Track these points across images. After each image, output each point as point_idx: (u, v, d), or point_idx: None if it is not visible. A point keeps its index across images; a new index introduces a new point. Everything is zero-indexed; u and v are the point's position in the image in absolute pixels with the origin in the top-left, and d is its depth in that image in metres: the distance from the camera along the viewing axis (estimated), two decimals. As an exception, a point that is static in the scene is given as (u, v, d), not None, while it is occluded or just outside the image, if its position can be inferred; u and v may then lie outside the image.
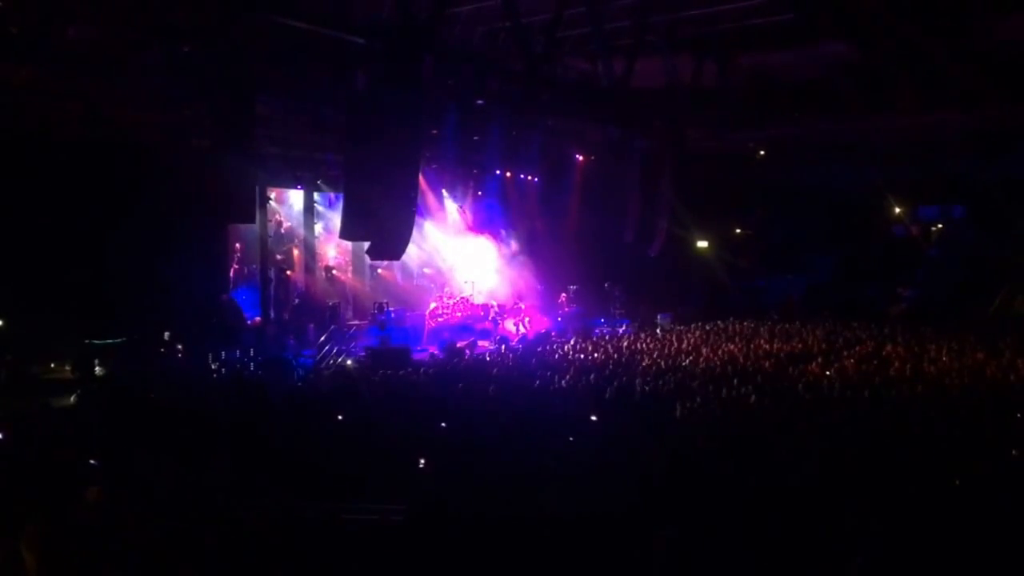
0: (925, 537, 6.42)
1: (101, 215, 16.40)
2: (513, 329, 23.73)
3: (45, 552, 6.12)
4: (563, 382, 14.39)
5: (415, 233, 18.65)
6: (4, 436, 10.18)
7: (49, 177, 15.63)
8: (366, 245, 17.93)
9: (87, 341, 16.08)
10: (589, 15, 20.24)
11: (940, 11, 18.43)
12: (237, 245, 21.23)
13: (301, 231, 22.77)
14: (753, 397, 12.64)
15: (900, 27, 18.78)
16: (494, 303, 24.48)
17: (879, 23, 18.65)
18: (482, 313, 23.98)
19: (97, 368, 15.83)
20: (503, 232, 26.35)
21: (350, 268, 24.16)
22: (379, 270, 24.47)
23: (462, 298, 24.11)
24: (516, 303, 24.87)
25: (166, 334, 17.34)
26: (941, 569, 6.09)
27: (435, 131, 20.03)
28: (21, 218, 15.42)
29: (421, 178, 20.25)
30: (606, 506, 7.06)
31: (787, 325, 22.96)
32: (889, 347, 18.26)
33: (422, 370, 17.01)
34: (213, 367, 17.00)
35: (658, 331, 22.82)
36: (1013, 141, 24.81)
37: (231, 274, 21.24)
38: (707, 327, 22.92)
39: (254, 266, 21.68)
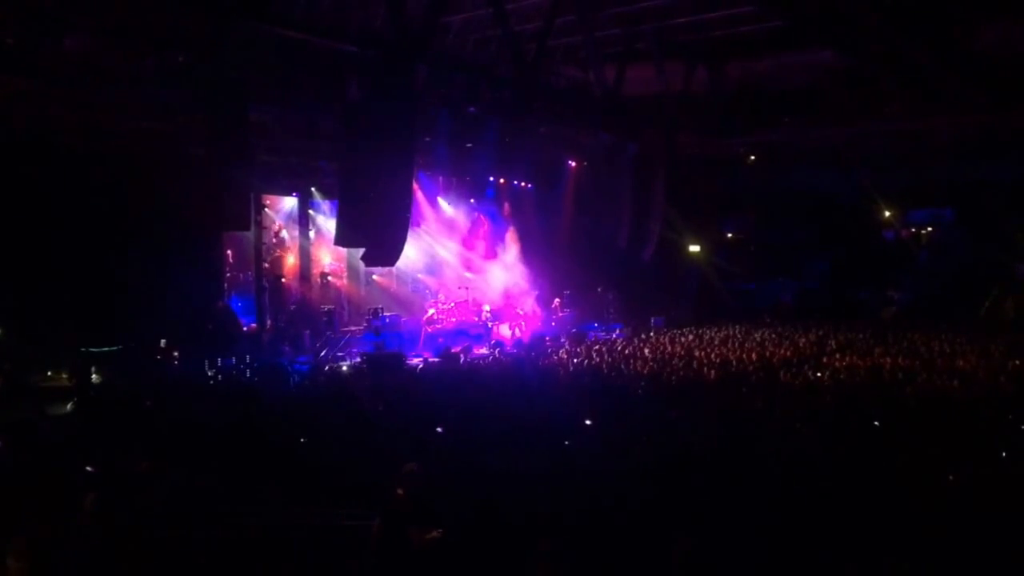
0: (921, 536, 6.53)
1: (97, 224, 16.44)
2: (508, 334, 23.82)
3: (33, 561, 6.19)
4: (557, 386, 14.48)
5: (410, 239, 18.75)
6: (1, 444, 10.22)
7: (45, 186, 15.68)
8: (361, 252, 18.06)
9: (84, 349, 16.09)
10: (580, 23, 20.41)
11: (927, 18, 18.62)
12: (228, 252, 21.27)
13: (296, 237, 22.81)
14: (747, 400, 12.75)
15: (888, 34, 18.98)
16: (487, 308, 24.57)
17: (867, 30, 18.84)
18: (477, 318, 24.07)
19: (94, 376, 15.85)
20: (497, 238, 26.45)
21: (345, 274, 24.21)
22: (374, 276, 24.52)
23: (457, 303, 24.20)
24: (512, 308, 24.98)
25: (162, 342, 17.37)
26: (937, 568, 6.18)
27: (428, 138, 20.14)
28: (17, 227, 15.46)
29: (415, 185, 20.38)
30: (601, 510, 7.14)
31: (780, 328, 23.11)
32: (880, 350, 18.42)
33: (416, 375, 17.12)
34: (209, 374, 17.04)
35: (652, 335, 22.94)
36: (1001, 145, 25.04)
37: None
38: (700, 331, 23.06)
39: (248, 273, 21.70)
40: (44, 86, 14.41)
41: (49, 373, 16.29)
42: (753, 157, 28.73)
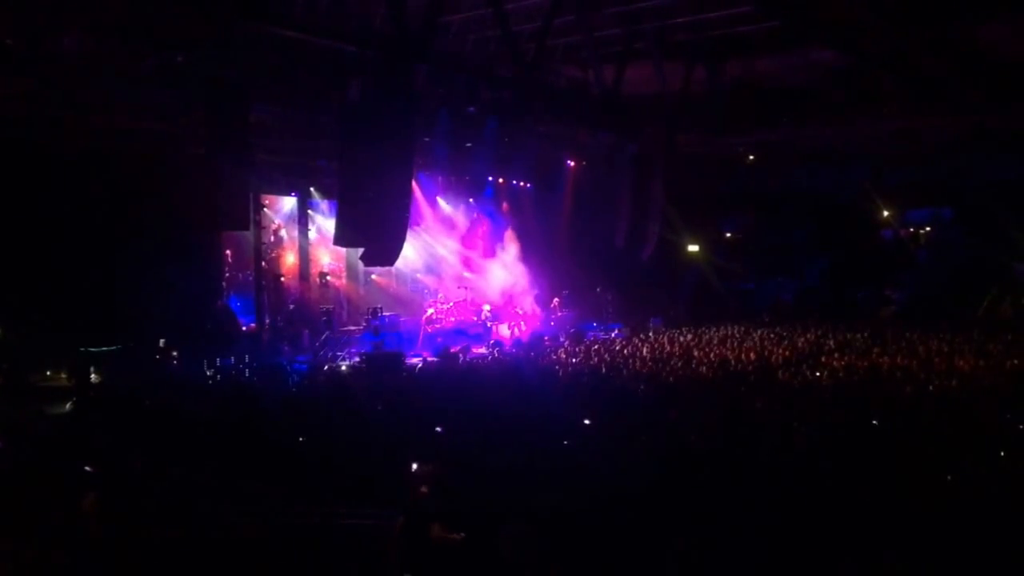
0: (919, 536, 6.54)
1: (96, 224, 16.46)
2: (507, 333, 23.84)
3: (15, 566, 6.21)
4: (556, 386, 14.49)
5: (409, 238, 18.77)
6: (0, 444, 10.24)
7: (44, 186, 15.69)
8: (360, 251, 18.09)
9: (83, 349, 16.09)
10: (579, 23, 20.43)
11: (927, 18, 18.65)
12: (227, 252, 21.30)
13: (295, 236, 22.83)
14: (745, 399, 12.77)
15: (886, 33, 19.00)
16: (487, 307, 24.59)
17: (865, 30, 18.86)
18: (476, 318, 24.08)
19: (93, 375, 15.85)
20: (496, 238, 26.48)
21: (344, 274, 24.23)
22: (373, 276, 24.55)
23: (456, 303, 24.22)
24: (511, 308, 25.00)
25: (161, 341, 17.38)
26: (936, 567, 6.19)
27: (427, 138, 20.17)
28: (16, 227, 15.47)
29: (414, 185, 20.41)
30: (600, 509, 7.16)
31: (778, 328, 23.13)
32: (878, 349, 18.44)
33: (415, 375, 17.14)
34: (208, 374, 17.03)
35: (650, 335, 22.96)
36: (1000, 145, 25.06)
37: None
38: (699, 330, 23.07)
39: (248, 273, 21.72)
40: (43, 86, 14.42)
41: (48, 373, 16.29)
42: (752, 157, 28.74)
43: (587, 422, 10.99)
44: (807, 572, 6.25)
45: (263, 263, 21.18)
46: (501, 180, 25.57)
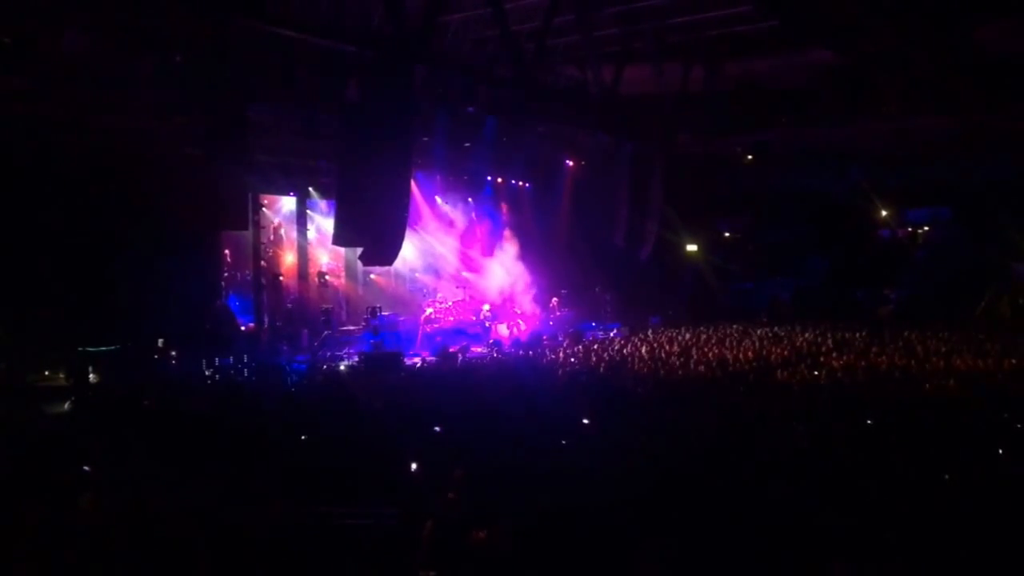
0: (917, 535, 6.56)
1: (95, 223, 16.44)
2: (506, 333, 23.84)
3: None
4: (555, 386, 14.50)
5: (408, 238, 18.78)
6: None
7: (42, 186, 15.67)
8: (359, 251, 18.10)
9: (81, 349, 16.09)
10: (578, 23, 20.45)
11: (923, 18, 18.68)
12: (226, 252, 21.28)
13: (294, 236, 22.82)
14: (744, 399, 12.78)
15: (884, 34, 19.03)
16: (487, 307, 24.60)
17: (865, 30, 18.89)
18: (475, 317, 24.09)
19: (91, 375, 15.84)
20: (495, 237, 26.48)
21: (343, 273, 24.22)
22: (372, 275, 24.54)
23: (455, 302, 24.23)
24: (510, 307, 25.00)
25: (160, 341, 17.36)
26: (934, 567, 6.21)
27: (426, 138, 20.16)
28: (13, 226, 15.46)
29: (413, 185, 20.42)
30: (598, 509, 7.17)
31: (777, 328, 23.15)
32: (876, 349, 18.46)
33: (414, 374, 17.15)
34: (207, 374, 17.03)
35: (649, 334, 22.97)
36: (999, 145, 25.07)
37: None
38: (697, 330, 23.09)
39: (247, 272, 21.70)
40: (42, 86, 14.40)
41: (47, 373, 16.28)
42: (750, 156, 28.73)
43: (586, 422, 11.01)
44: (806, 571, 6.27)
45: (262, 263, 21.15)
46: (500, 180, 25.58)
